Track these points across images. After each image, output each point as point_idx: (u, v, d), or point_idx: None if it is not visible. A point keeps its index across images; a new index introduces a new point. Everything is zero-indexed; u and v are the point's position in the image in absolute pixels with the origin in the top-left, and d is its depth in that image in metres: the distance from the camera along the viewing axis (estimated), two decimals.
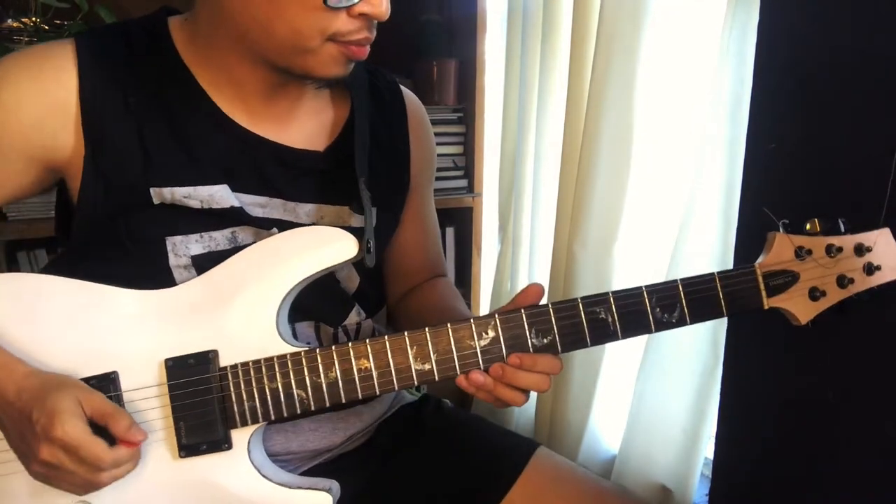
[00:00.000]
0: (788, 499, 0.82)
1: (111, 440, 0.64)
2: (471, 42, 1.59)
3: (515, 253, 1.54)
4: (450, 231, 1.70)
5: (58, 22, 1.30)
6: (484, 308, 1.75)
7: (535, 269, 1.48)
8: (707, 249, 1.04)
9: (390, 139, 0.87)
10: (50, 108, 0.70)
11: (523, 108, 1.46)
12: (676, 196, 1.15)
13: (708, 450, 1.11)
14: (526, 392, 0.69)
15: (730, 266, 0.91)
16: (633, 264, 1.21)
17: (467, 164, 1.66)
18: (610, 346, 1.26)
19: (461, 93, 1.65)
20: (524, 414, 1.55)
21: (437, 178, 1.60)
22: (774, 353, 0.81)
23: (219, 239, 0.75)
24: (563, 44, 1.32)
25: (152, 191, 0.72)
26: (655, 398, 1.15)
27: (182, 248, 0.74)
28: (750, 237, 0.83)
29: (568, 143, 1.26)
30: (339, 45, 0.68)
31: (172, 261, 0.73)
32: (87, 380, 0.68)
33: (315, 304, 0.78)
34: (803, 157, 0.76)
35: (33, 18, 1.29)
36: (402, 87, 0.92)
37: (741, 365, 0.86)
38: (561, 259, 1.29)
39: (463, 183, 1.66)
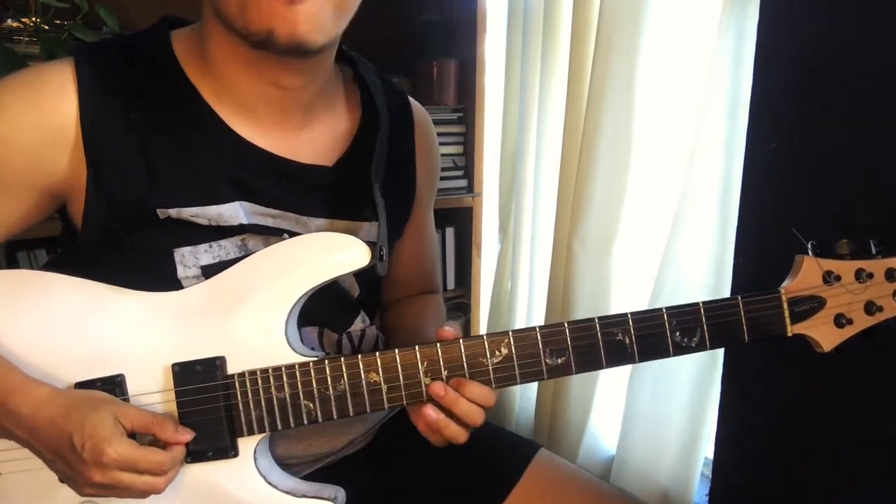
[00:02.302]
0: (788, 499, 0.83)
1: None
2: (471, 42, 1.59)
3: (515, 253, 1.54)
4: (450, 231, 1.71)
5: (58, 22, 1.29)
6: (484, 308, 1.75)
7: (535, 268, 1.48)
8: (706, 249, 1.05)
9: (398, 150, 0.86)
10: (50, 136, 0.69)
11: (523, 108, 1.46)
12: (676, 196, 1.15)
13: (708, 450, 1.12)
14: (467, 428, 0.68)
15: (729, 267, 0.91)
16: (632, 263, 1.22)
17: (467, 164, 1.66)
18: None
19: (461, 93, 1.65)
20: (524, 414, 1.56)
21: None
22: (774, 353, 0.82)
23: (228, 248, 0.74)
24: (563, 44, 1.32)
25: (158, 210, 0.71)
26: (655, 398, 1.15)
27: (191, 258, 0.73)
28: (749, 237, 0.84)
29: (568, 143, 1.27)
30: None
31: (181, 272, 0.72)
32: (92, 382, 0.68)
33: (320, 310, 0.77)
34: (803, 156, 0.77)
35: (33, 18, 1.28)
36: (410, 99, 0.91)
37: (741, 365, 0.87)
38: (561, 258, 1.30)
39: (463, 183, 1.66)
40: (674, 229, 1.07)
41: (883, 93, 0.69)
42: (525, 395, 1.55)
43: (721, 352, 0.90)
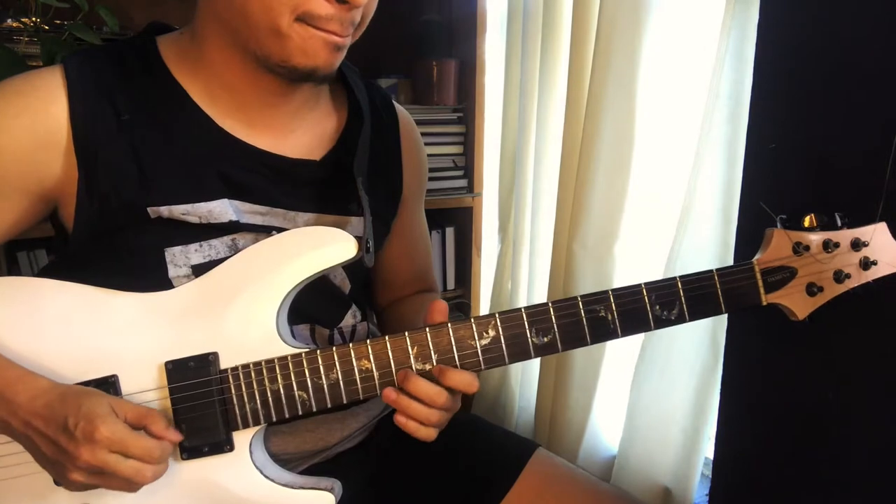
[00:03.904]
0: (788, 499, 0.83)
1: None
2: (471, 42, 1.59)
3: (515, 253, 1.54)
4: (450, 231, 1.71)
5: (58, 22, 1.29)
6: (484, 308, 1.75)
7: (535, 268, 1.48)
8: (707, 249, 1.05)
9: (383, 151, 0.88)
10: (41, 141, 0.69)
11: (523, 108, 1.46)
12: (676, 196, 1.15)
13: (708, 450, 1.11)
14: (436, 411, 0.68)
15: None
16: (633, 264, 1.21)
17: (467, 164, 1.66)
18: (610, 346, 1.26)
19: (461, 93, 1.65)
20: (524, 414, 1.56)
21: (438, 178, 1.61)
22: (774, 352, 0.81)
23: (219, 247, 0.75)
24: (563, 44, 1.32)
25: (150, 209, 0.71)
26: (655, 398, 1.15)
27: (181, 258, 0.73)
28: (750, 237, 0.83)
29: (568, 143, 1.27)
30: (311, 29, 0.67)
31: (172, 272, 0.73)
32: (86, 383, 0.68)
33: (311, 305, 0.78)
34: (803, 156, 0.76)
35: (33, 18, 1.28)
36: (395, 103, 0.93)
37: (741, 364, 0.86)
38: (561, 258, 1.29)
39: (463, 183, 1.66)
40: (676, 231, 1.07)
41: (883, 93, 0.69)
42: (525, 395, 1.55)
43: (722, 351, 0.90)
